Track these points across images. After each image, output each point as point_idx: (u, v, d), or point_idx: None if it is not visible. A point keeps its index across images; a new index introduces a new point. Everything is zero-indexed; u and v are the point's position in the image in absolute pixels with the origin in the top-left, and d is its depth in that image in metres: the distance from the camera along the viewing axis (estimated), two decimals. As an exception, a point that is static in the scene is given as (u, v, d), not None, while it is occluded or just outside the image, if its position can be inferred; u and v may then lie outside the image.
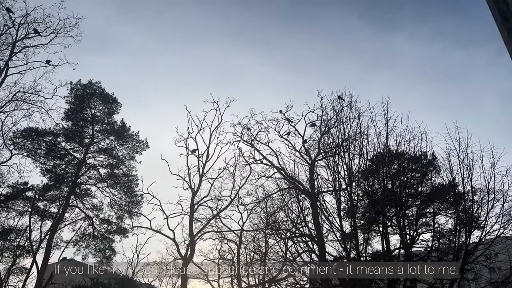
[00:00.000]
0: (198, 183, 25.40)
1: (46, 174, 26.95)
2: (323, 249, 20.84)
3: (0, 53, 21.52)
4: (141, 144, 29.16)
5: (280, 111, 23.50)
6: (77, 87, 28.33)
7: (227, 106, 25.52)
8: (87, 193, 27.61)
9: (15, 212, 25.65)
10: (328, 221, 21.72)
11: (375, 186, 21.85)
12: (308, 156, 23.09)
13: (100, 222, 27.40)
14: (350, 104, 22.90)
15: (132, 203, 28.03)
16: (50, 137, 26.92)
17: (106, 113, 29.05)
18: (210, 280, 25.72)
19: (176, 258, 25.21)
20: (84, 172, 27.49)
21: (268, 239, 25.84)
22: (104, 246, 27.27)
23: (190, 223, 24.46)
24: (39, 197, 26.09)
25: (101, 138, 28.55)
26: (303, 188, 22.82)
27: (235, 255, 26.95)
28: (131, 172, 28.68)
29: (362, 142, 22.15)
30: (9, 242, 25.25)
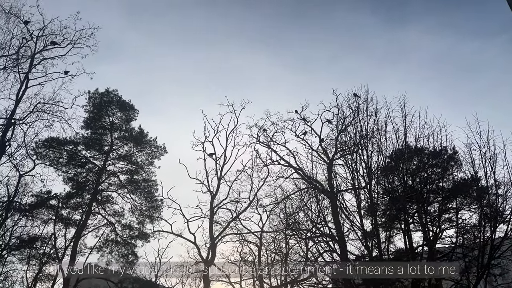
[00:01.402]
0: (217, 186, 25.54)
1: (68, 182, 27.53)
2: (345, 248, 20.69)
3: (20, 65, 22.09)
4: (159, 149, 29.52)
5: (295, 111, 23.46)
6: (95, 95, 28.89)
7: (242, 108, 25.59)
8: (109, 200, 28.07)
9: (40, 221, 26.25)
10: (348, 220, 21.58)
11: (395, 183, 21.60)
12: (326, 155, 22.98)
13: (122, 228, 27.81)
14: (366, 101, 22.73)
15: (153, 208, 28.36)
16: (70, 146, 27.50)
17: (123, 120, 29.50)
18: (232, 282, 25.82)
19: (198, 261, 25.34)
20: (105, 179, 27.96)
21: (289, 239, 25.83)
22: (126, 251, 27.63)
23: (210, 226, 24.61)
24: (62, 205, 26.63)
25: (120, 145, 29.01)
26: (321, 187, 22.71)
27: (256, 256, 27.00)
28: (150, 178, 29.05)
29: (380, 139, 21.96)
30: (35, 250, 25.82)
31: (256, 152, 24.82)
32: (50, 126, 23.97)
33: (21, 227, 26.04)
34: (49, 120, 23.54)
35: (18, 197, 25.16)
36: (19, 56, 21.78)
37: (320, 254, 22.77)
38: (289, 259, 25.90)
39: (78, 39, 22.19)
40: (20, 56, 21.84)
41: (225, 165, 25.87)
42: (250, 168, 25.48)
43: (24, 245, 24.99)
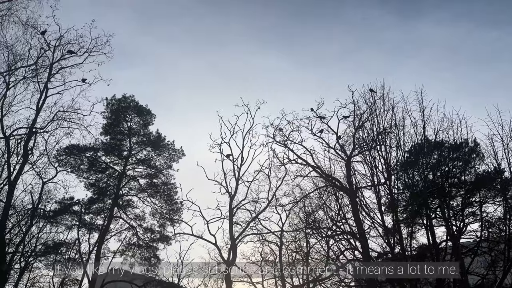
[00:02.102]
0: (235, 187, 25.67)
1: (89, 188, 28.02)
2: (366, 245, 20.50)
3: (39, 75, 22.59)
4: (177, 152, 29.78)
5: (311, 109, 23.38)
6: (112, 102, 29.31)
7: (257, 108, 25.68)
8: (129, 204, 28.45)
9: (64, 227, 26.80)
10: (369, 217, 21.36)
11: (415, 178, 21.25)
12: (344, 152, 22.81)
13: (143, 231, 28.16)
14: (382, 96, 22.49)
15: (173, 211, 28.64)
16: (91, 152, 28.00)
17: (141, 125, 29.87)
18: (254, 282, 25.87)
19: (219, 262, 25.50)
20: (125, 183, 28.36)
21: (309, 238, 25.69)
22: (149, 254, 27.96)
23: (230, 227, 24.73)
24: (85, 211, 27.14)
25: (138, 149, 29.40)
26: (340, 185, 22.55)
27: (277, 256, 26.95)
28: (169, 181, 29.34)
29: (398, 134, 21.68)
30: (61, 256, 26.35)
31: (273, 152, 24.88)
32: (70, 133, 24.50)
33: (46, 233, 26.67)
34: (69, 127, 24.07)
35: (42, 204, 25.75)
36: (38, 66, 22.30)
37: (342, 252, 22.61)
38: (310, 258, 25.79)
39: (94, 47, 22.62)
40: (39, 66, 22.37)
41: (243, 165, 26.02)
42: (268, 168, 25.56)
43: (49, 251, 25.53)
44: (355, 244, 21.63)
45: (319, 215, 24.73)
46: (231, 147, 26.09)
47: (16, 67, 21.51)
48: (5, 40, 20.17)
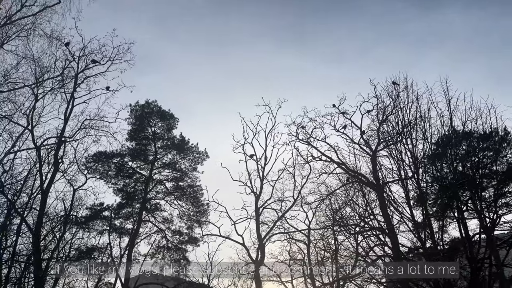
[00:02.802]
0: (260, 186, 25.66)
1: (118, 194, 28.63)
2: (396, 241, 20.18)
3: (66, 86, 23.22)
4: (201, 155, 30.07)
5: (333, 105, 23.06)
6: (136, 108, 29.87)
7: (279, 107, 25.56)
8: (157, 207, 28.91)
9: (95, 232, 27.49)
10: (397, 212, 21.05)
11: (444, 170, 20.78)
12: (368, 147, 22.50)
13: (172, 234, 28.55)
14: (406, 88, 22.10)
15: (200, 213, 28.93)
16: (117, 158, 28.61)
17: (165, 129, 30.32)
18: (283, 281, 25.84)
19: (248, 262, 25.58)
20: (152, 187, 28.84)
21: (337, 235, 25.47)
22: (178, 256, 28.32)
23: (257, 226, 24.76)
24: (114, 216, 27.75)
25: (163, 153, 29.85)
26: (367, 180, 22.26)
27: (305, 254, 26.83)
28: (195, 183, 29.65)
29: (424, 126, 21.27)
30: (94, 260, 27.03)
31: (296, 150, 24.71)
32: (98, 141, 25.07)
33: (79, 239, 27.44)
34: (96, 135, 24.61)
35: (74, 210, 26.50)
36: (64, 77, 22.91)
37: (371, 248, 22.35)
38: (339, 255, 25.58)
39: (116, 55, 23.05)
40: (65, 77, 22.97)
41: (266, 165, 25.97)
42: (292, 166, 25.42)
43: (83, 256, 26.22)
44: (385, 240, 21.32)
45: (346, 212, 24.55)
46: (254, 147, 26.14)
47: (44, 79, 22.20)
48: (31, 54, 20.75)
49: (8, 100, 21.24)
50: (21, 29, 18.27)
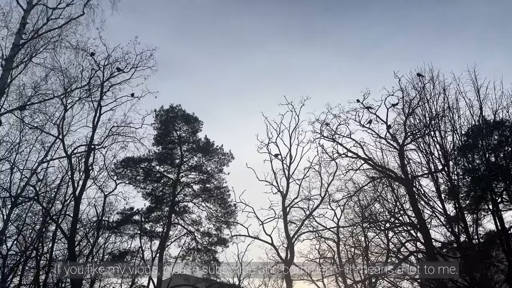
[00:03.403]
0: (286, 186, 25.57)
1: (147, 198, 29.19)
2: (428, 236, 19.69)
3: (93, 95, 23.76)
4: (227, 156, 30.32)
5: (357, 100, 22.67)
6: (161, 113, 30.40)
7: (302, 105, 25.44)
8: (186, 210, 29.30)
9: (127, 236, 28.13)
10: (428, 206, 20.57)
11: (476, 161, 20.17)
12: (395, 142, 22.05)
13: (201, 236, 28.87)
14: (432, 80, 21.54)
15: (227, 214, 29.13)
16: (145, 163, 29.17)
17: (190, 133, 30.72)
18: (314, 280, 25.69)
19: (277, 261, 25.56)
20: (180, 190, 29.24)
21: (367, 232, 25.13)
22: (208, 257, 28.59)
23: (285, 226, 24.70)
24: (145, 220, 28.29)
25: (189, 156, 30.23)
26: (395, 175, 21.83)
27: (335, 252, 26.61)
28: (221, 184, 29.89)
29: (452, 117, 20.70)
30: (126, 264, 27.63)
31: (321, 147, 24.49)
32: (125, 147, 25.49)
33: (111, 243, 28.15)
34: (124, 141, 25.04)
35: (106, 216, 27.14)
36: (91, 86, 23.36)
37: (403, 244, 21.93)
38: (370, 252, 25.25)
39: (139, 62, 23.30)
40: (91, 86, 23.40)
41: (292, 164, 25.88)
42: (318, 164, 25.23)
43: (116, 260, 26.85)
44: (416, 235, 20.87)
45: (375, 208, 24.17)
46: (278, 147, 26.10)
47: (72, 89, 22.69)
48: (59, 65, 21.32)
49: (39, 111, 21.91)
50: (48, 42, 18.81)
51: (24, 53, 18.07)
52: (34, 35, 17.75)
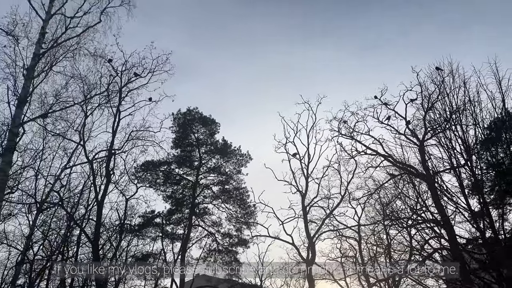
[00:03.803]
0: (305, 185, 25.46)
1: (167, 200, 29.55)
2: (452, 232, 19.29)
3: (111, 101, 24.14)
4: (244, 157, 30.45)
5: (374, 96, 22.43)
6: (178, 116, 30.74)
7: (318, 103, 25.34)
8: (206, 212, 29.54)
9: (149, 239, 28.54)
10: (452, 202, 20.16)
11: (499, 155, 19.66)
12: (415, 137, 21.70)
13: (222, 237, 29.05)
14: (451, 73, 21.09)
15: (247, 214, 29.23)
16: (165, 166, 29.55)
17: (207, 135, 30.97)
18: (336, 280, 25.50)
19: (299, 261, 25.49)
20: (199, 192, 29.50)
21: (389, 230, 24.78)
22: (229, 258, 28.73)
23: (305, 225, 24.59)
24: (166, 222, 28.64)
25: (208, 158, 30.48)
26: (416, 171, 21.48)
27: (356, 251, 26.37)
28: (240, 185, 30.03)
29: (474, 111, 20.22)
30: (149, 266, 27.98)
31: (339, 145, 24.29)
32: (145, 151, 25.83)
33: (134, 246, 28.60)
34: (143, 145, 25.36)
35: (128, 219, 27.60)
36: (109, 92, 23.73)
37: (426, 241, 21.51)
38: (392, 250, 24.89)
39: (155, 66, 23.55)
40: (110, 92, 23.79)
41: (310, 163, 25.77)
42: (336, 163, 25.03)
43: (139, 262, 27.24)
44: (440, 232, 20.47)
45: (396, 205, 23.83)
46: (296, 146, 26.02)
47: (91, 95, 23.10)
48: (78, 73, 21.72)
49: (61, 119, 22.37)
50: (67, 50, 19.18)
51: (44, 62, 18.49)
52: (54, 44, 18.14)
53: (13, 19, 17.38)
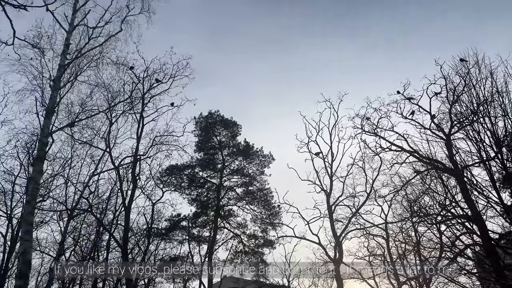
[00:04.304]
0: (330, 184, 25.28)
1: (192, 203, 29.92)
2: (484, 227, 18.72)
3: (135, 107, 24.61)
4: (267, 158, 30.50)
5: (397, 91, 21.99)
6: (200, 120, 31.06)
7: (340, 101, 25.17)
8: (231, 214, 29.73)
9: (176, 242, 28.96)
10: (483, 196, 19.53)
11: (532, 146, 18.97)
12: (441, 131, 21.15)
13: (247, 238, 29.16)
14: (477, 64, 20.45)
15: (272, 215, 29.23)
16: (189, 170, 29.91)
17: (230, 137, 31.18)
18: (365, 279, 25.16)
19: (326, 261, 25.29)
20: (224, 194, 29.70)
21: (417, 227, 24.27)
22: (256, 259, 28.80)
23: (331, 225, 24.37)
24: (192, 225, 28.99)
25: (230, 160, 30.67)
26: (443, 166, 20.95)
27: (385, 249, 25.96)
28: (264, 186, 30.11)
29: (502, 102, 19.55)
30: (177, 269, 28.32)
31: (363, 143, 23.97)
32: (169, 155, 26.20)
33: (161, 249, 29.10)
34: (167, 150, 25.72)
35: (155, 223, 28.08)
36: (132, 99, 24.22)
37: (457, 237, 20.92)
38: (422, 247, 24.35)
39: (176, 71, 23.93)
40: (133, 99, 24.28)
41: (334, 161, 25.59)
42: (361, 160, 24.76)
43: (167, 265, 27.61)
44: (472, 227, 19.90)
45: (424, 201, 23.32)
46: (319, 145, 25.88)
47: (115, 103, 23.64)
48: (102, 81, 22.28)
49: (87, 127, 22.99)
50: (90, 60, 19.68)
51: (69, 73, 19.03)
52: (78, 55, 18.61)
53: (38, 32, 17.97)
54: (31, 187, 14.60)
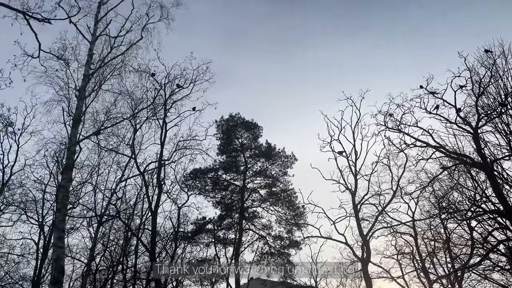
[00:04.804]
0: (354, 182, 24.92)
1: (217, 206, 30.14)
2: (517, 222, 18.16)
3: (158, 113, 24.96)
4: (289, 158, 30.43)
5: (420, 86, 21.56)
6: (221, 123, 31.29)
7: (362, 98, 24.82)
8: (255, 215, 29.82)
9: (202, 245, 29.22)
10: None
11: None
12: (468, 125, 20.60)
13: (273, 240, 29.16)
14: (503, 54, 19.87)
15: (297, 216, 29.14)
16: (212, 173, 30.17)
17: (251, 139, 31.27)
18: (394, 278, 24.78)
19: (353, 260, 25.01)
20: (248, 196, 29.80)
21: (446, 223, 23.75)
22: (282, 261, 28.75)
23: (357, 224, 24.06)
24: (217, 228, 29.19)
25: (253, 162, 30.77)
26: (471, 161, 20.42)
27: (413, 247, 25.46)
28: (287, 187, 30.05)
29: (532, 91, 18.96)
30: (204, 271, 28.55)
31: (387, 140, 23.59)
32: (193, 159, 26.44)
33: (188, 252, 29.40)
34: (191, 154, 25.97)
35: (181, 227, 28.41)
36: (155, 105, 24.60)
37: (489, 233, 20.34)
38: (452, 244, 23.80)
39: (197, 76, 24.17)
40: (156, 105, 24.66)
41: (358, 159, 25.21)
42: (385, 157, 24.34)
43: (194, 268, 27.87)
44: (505, 223, 19.32)
45: (453, 197, 22.79)
46: (341, 143, 25.56)
47: (138, 110, 24.03)
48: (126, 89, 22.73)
49: (113, 134, 23.45)
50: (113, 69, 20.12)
51: (94, 82, 19.47)
52: (101, 64, 19.05)
53: (63, 44, 18.46)
54: (61, 195, 15.02)
